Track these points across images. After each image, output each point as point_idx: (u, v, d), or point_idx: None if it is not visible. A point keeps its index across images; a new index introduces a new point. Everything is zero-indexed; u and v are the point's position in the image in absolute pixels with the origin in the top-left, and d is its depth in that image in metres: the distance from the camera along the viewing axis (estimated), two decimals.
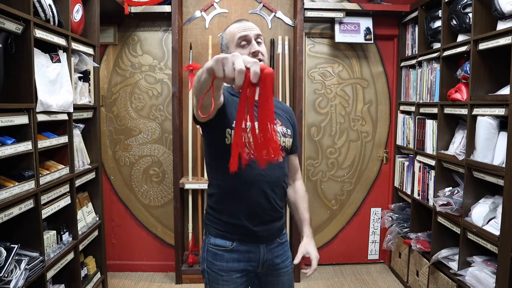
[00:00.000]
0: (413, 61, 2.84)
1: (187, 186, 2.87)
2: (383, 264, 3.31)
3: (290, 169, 1.49)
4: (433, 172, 2.53)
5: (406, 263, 2.88)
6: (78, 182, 2.19)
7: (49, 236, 1.89)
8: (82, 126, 2.28)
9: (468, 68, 2.12)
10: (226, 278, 1.33)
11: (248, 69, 0.79)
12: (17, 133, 1.67)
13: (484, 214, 2.00)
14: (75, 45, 2.11)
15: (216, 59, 0.82)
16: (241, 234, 1.32)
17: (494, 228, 1.92)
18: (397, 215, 3.03)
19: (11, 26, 1.55)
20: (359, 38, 2.98)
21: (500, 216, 1.84)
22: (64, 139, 2.00)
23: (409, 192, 2.88)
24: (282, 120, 1.40)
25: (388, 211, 3.15)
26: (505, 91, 1.92)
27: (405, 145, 3.02)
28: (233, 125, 1.18)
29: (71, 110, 2.03)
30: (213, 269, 1.34)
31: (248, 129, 0.86)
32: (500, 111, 1.85)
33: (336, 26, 2.96)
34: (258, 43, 1.32)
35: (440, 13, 2.45)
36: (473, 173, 2.08)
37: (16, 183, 1.62)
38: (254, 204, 1.29)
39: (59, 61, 1.94)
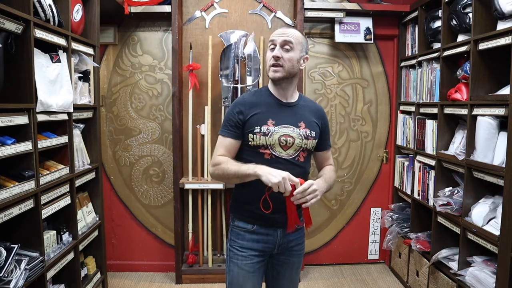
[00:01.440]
0: (413, 61, 2.84)
1: (187, 186, 2.87)
2: (383, 264, 3.31)
3: (320, 162, 1.66)
4: (433, 172, 2.53)
5: (406, 263, 2.88)
6: (78, 182, 2.19)
7: (49, 236, 1.89)
8: (82, 126, 2.28)
9: (468, 68, 2.12)
10: (245, 255, 1.51)
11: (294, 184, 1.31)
12: (17, 133, 1.67)
13: (484, 214, 2.00)
14: (75, 45, 2.11)
15: (275, 184, 1.28)
16: (261, 220, 1.49)
17: (494, 228, 1.92)
18: (397, 215, 3.03)
19: (11, 26, 1.55)
20: (359, 38, 2.98)
21: (500, 216, 1.84)
22: (64, 139, 2.00)
23: (409, 192, 2.88)
24: (307, 122, 1.52)
25: (388, 211, 3.15)
26: (505, 91, 1.92)
27: (405, 145, 3.02)
28: (255, 130, 1.45)
29: (71, 110, 2.03)
30: (235, 246, 1.54)
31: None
32: (500, 111, 1.85)
33: (336, 26, 2.96)
34: (286, 50, 1.47)
35: (440, 13, 2.45)
36: (473, 173, 2.08)
37: (16, 183, 1.62)
38: (272, 196, 1.41)
39: (59, 61, 1.94)
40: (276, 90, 1.53)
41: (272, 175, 1.29)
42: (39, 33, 1.74)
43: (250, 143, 1.46)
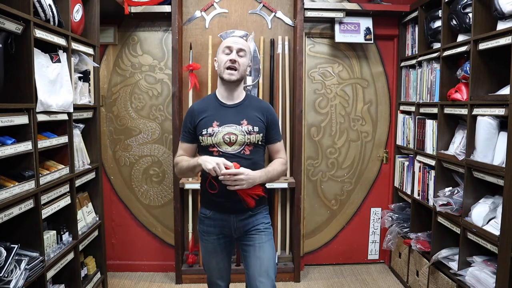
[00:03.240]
0: (413, 61, 2.84)
1: (187, 186, 2.87)
2: (383, 264, 3.31)
3: (271, 154, 1.84)
4: (433, 172, 2.53)
5: (406, 263, 2.88)
6: (78, 182, 2.19)
7: (49, 236, 1.89)
8: (82, 126, 2.28)
9: (468, 68, 2.12)
10: (206, 238, 1.78)
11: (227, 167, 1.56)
12: (17, 133, 1.67)
13: (484, 214, 2.00)
14: (75, 45, 2.11)
15: (210, 170, 1.55)
16: (216, 206, 1.73)
17: (494, 228, 1.92)
18: (397, 215, 3.03)
19: (11, 26, 1.55)
20: (359, 38, 2.98)
21: (500, 216, 1.84)
22: (64, 139, 2.00)
23: (409, 192, 2.88)
24: (249, 119, 1.71)
25: (388, 211, 3.15)
26: (505, 91, 1.92)
27: (405, 145, 3.02)
28: (203, 133, 1.68)
29: (71, 110, 2.03)
30: (199, 230, 1.81)
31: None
32: (500, 111, 1.85)
33: (336, 26, 2.96)
34: (240, 56, 1.70)
35: (440, 13, 2.45)
36: (473, 173, 2.08)
37: (16, 183, 1.62)
38: (221, 188, 1.64)
39: (59, 61, 1.94)
40: (224, 92, 1.75)
41: (208, 162, 1.55)
42: (39, 33, 1.74)
43: (201, 143, 1.70)
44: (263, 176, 1.68)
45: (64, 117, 2.00)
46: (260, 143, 1.72)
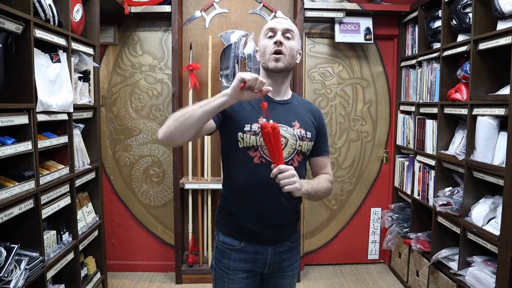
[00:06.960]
0: (413, 61, 2.84)
1: (187, 186, 2.87)
2: (383, 264, 3.31)
3: (315, 170, 1.46)
4: (433, 172, 2.53)
5: (406, 263, 2.88)
6: (78, 182, 2.19)
7: (49, 236, 1.89)
8: (82, 126, 2.28)
9: (468, 68, 2.12)
10: (232, 277, 1.34)
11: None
12: (17, 133, 1.67)
13: (484, 214, 2.00)
14: (75, 45, 2.11)
15: (249, 79, 1.18)
16: (250, 235, 1.32)
17: (494, 228, 1.92)
18: (397, 215, 3.03)
19: (11, 26, 1.55)
20: (359, 38, 2.98)
21: (500, 216, 1.84)
22: (64, 139, 2.00)
23: (409, 192, 2.88)
24: (302, 122, 1.35)
25: (388, 211, 3.15)
26: (505, 91, 1.92)
27: (405, 145, 3.02)
28: (245, 129, 1.27)
29: (71, 110, 2.03)
30: (220, 266, 1.36)
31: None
32: (500, 111, 1.85)
33: (336, 26, 2.96)
34: (287, 38, 1.32)
35: (440, 13, 2.45)
36: (473, 173, 2.08)
37: (16, 183, 1.62)
38: (263, 207, 1.29)
39: (59, 61, 1.94)
40: (271, 86, 1.30)
41: (244, 73, 1.17)
42: (39, 33, 1.74)
43: (239, 143, 1.27)
44: (307, 185, 1.25)
45: (64, 117, 2.00)
46: (308, 153, 1.37)
